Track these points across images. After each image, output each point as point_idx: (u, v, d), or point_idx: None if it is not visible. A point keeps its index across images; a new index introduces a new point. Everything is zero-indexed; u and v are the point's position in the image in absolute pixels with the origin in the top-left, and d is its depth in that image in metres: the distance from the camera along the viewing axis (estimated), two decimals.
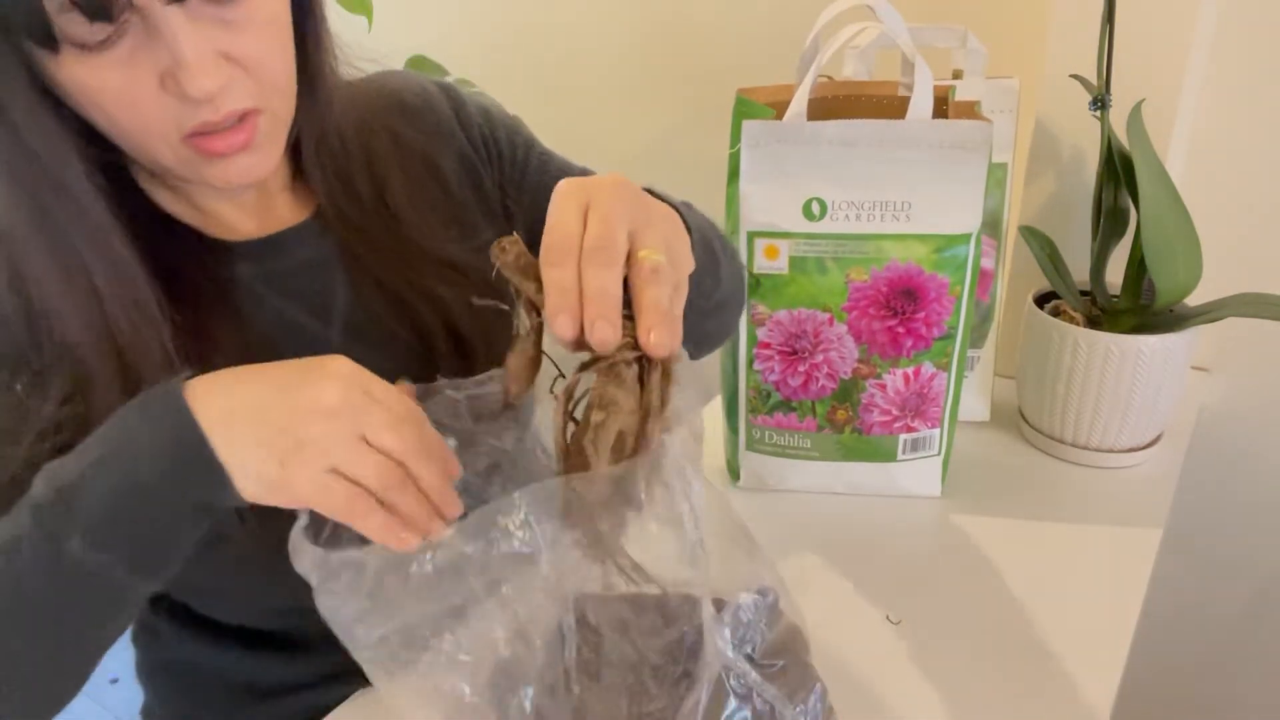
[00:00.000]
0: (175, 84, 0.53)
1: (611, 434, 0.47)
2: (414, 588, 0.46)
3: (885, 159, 0.79)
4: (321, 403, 0.49)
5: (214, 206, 0.66)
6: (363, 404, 0.49)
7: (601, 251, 0.47)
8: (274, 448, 0.48)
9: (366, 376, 0.51)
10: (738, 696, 0.51)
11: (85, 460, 0.50)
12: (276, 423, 0.49)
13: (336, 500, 0.48)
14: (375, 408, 0.49)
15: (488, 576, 0.46)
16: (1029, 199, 1.08)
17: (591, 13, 1.42)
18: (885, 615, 0.76)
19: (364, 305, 0.68)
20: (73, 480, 0.50)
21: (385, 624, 0.46)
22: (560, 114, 1.46)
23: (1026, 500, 0.91)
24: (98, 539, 0.50)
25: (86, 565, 0.50)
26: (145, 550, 0.51)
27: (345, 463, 0.48)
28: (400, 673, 0.47)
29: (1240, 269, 0.99)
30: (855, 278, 0.83)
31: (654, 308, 0.47)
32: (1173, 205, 0.88)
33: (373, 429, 0.49)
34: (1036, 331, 0.97)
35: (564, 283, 0.46)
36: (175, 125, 0.55)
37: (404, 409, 0.51)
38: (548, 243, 0.48)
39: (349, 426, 0.48)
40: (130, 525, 0.50)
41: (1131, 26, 0.92)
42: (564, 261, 0.47)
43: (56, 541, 0.49)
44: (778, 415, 0.90)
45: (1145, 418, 0.94)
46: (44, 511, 0.50)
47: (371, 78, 0.74)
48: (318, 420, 0.48)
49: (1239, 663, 1.22)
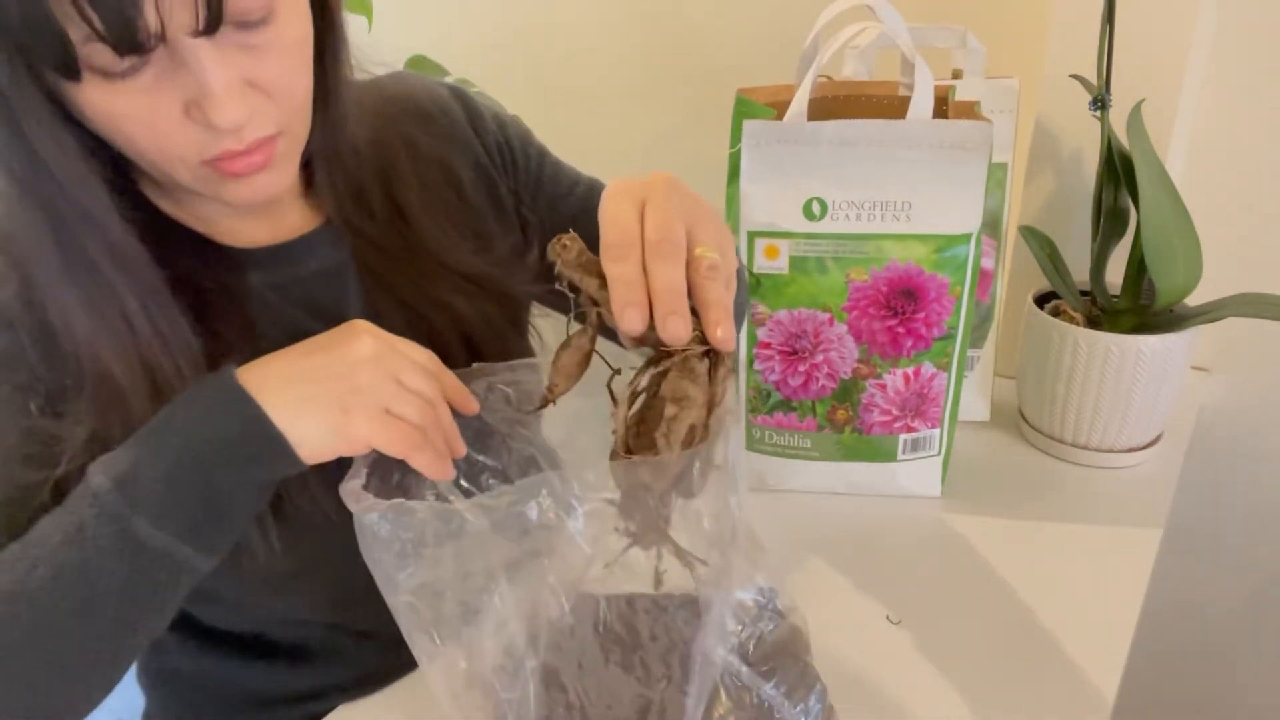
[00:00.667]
0: (201, 114, 0.52)
1: (684, 427, 0.47)
2: (458, 544, 0.48)
3: (885, 159, 0.79)
4: (363, 354, 0.54)
5: (223, 215, 0.65)
6: (393, 353, 0.55)
7: (666, 244, 0.48)
8: (331, 400, 0.52)
9: (388, 334, 0.57)
10: (738, 696, 0.51)
11: (138, 449, 0.53)
12: (328, 378, 0.53)
13: (396, 436, 0.53)
14: (402, 357, 0.56)
15: (530, 543, 0.47)
16: (1029, 199, 1.08)
17: (591, 13, 1.42)
18: (885, 615, 0.76)
19: (377, 315, 0.67)
20: (128, 467, 0.52)
21: (426, 574, 0.49)
22: (560, 114, 1.46)
23: (1026, 500, 0.91)
24: (162, 517, 0.52)
25: (153, 544, 0.52)
26: (207, 525, 0.53)
27: (395, 403, 0.54)
28: (433, 626, 0.51)
29: (1240, 269, 0.99)
30: (855, 278, 0.83)
31: (718, 303, 0.49)
32: (1173, 205, 0.88)
33: (406, 374, 0.55)
34: (1036, 331, 0.97)
35: (629, 276, 0.48)
36: (197, 151, 0.55)
37: (425, 357, 0.57)
38: (609, 239, 0.49)
39: (390, 371, 0.54)
40: (192, 502, 0.52)
41: (1131, 26, 0.92)
42: (628, 256, 0.48)
43: (121, 523, 0.51)
44: (778, 415, 0.90)
45: (1145, 418, 0.94)
46: (105, 498, 0.51)
47: (383, 81, 0.73)
48: (365, 368, 0.54)
49: (1239, 662, 1.22)
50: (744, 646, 0.53)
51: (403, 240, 0.69)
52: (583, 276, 0.50)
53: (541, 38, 1.48)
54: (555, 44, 1.47)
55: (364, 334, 0.56)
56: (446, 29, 1.55)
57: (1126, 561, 0.82)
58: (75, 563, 0.51)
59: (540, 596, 0.49)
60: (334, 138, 0.66)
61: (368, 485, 0.53)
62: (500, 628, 0.49)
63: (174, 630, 0.75)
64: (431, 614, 0.50)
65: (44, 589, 0.51)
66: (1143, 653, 0.81)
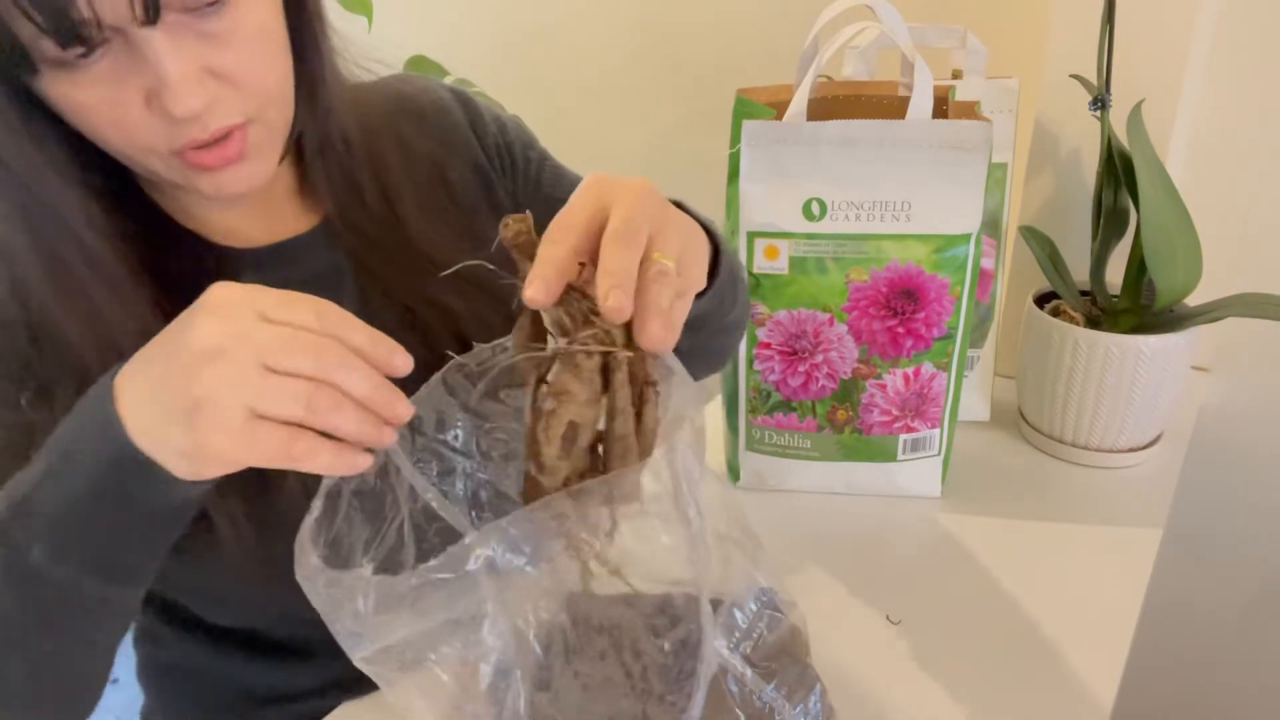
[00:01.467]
0: (159, 104, 0.52)
1: (562, 423, 0.46)
2: (415, 607, 0.45)
3: (885, 159, 0.79)
4: (201, 346, 0.43)
5: (218, 213, 0.65)
6: (250, 330, 0.43)
7: (626, 235, 0.46)
8: (176, 417, 0.44)
9: (254, 294, 0.45)
10: (737, 697, 0.51)
11: (37, 470, 0.49)
12: (169, 388, 0.44)
13: (271, 448, 0.43)
14: (266, 330, 0.43)
15: (489, 587, 0.46)
16: (1029, 199, 1.08)
17: (591, 13, 1.42)
18: (885, 615, 0.76)
19: (372, 315, 0.67)
20: (27, 492, 0.48)
21: (386, 639, 0.45)
22: (560, 114, 1.46)
23: (1026, 500, 0.91)
24: (58, 550, 0.48)
25: (53, 576, 0.48)
26: (111, 558, 0.49)
27: (260, 402, 0.43)
28: (401, 678, 0.47)
29: (1240, 269, 0.99)
30: (855, 278, 0.83)
31: (655, 306, 0.46)
32: (1173, 205, 0.88)
33: (272, 354, 0.43)
34: (1036, 331, 0.97)
35: (553, 256, 0.45)
36: (164, 141, 0.54)
37: (309, 315, 0.45)
38: (552, 223, 0.46)
39: (245, 360, 0.42)
40: (88, 534, 0.48)
41: (1131, 26, 0.92)
42: (563, 239, 0.45)
43: (18, 553, 0.48)
44: (778, 415, 0.90)
45: (1145, 418, 0.94)
46: (3, 525, 0.48)
47: (383, 81, 0.73)
48: (203, 368, 0.43)
49: (1239, 662, 1.22)
50: (742, 647, 0.52)
51: (397, 239, 0.69)
52: (519, 258, 0.47)
53: (541, 38, 1.48)
54: (555, 44, 1.47)
55: (208, 313, 0.44)
56: (446, 29, 1.55)
57: (1126, 561, 0.82)
58: None
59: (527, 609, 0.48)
60: (321, 126, 0.65)
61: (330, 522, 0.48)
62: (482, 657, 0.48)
63: (172, 626, 0.75)
64: (394, 674, 0.46)
65: None
66: (1142, 653, 0.81)
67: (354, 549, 0.51)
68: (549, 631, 0.49)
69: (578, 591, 0.50)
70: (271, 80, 0.57)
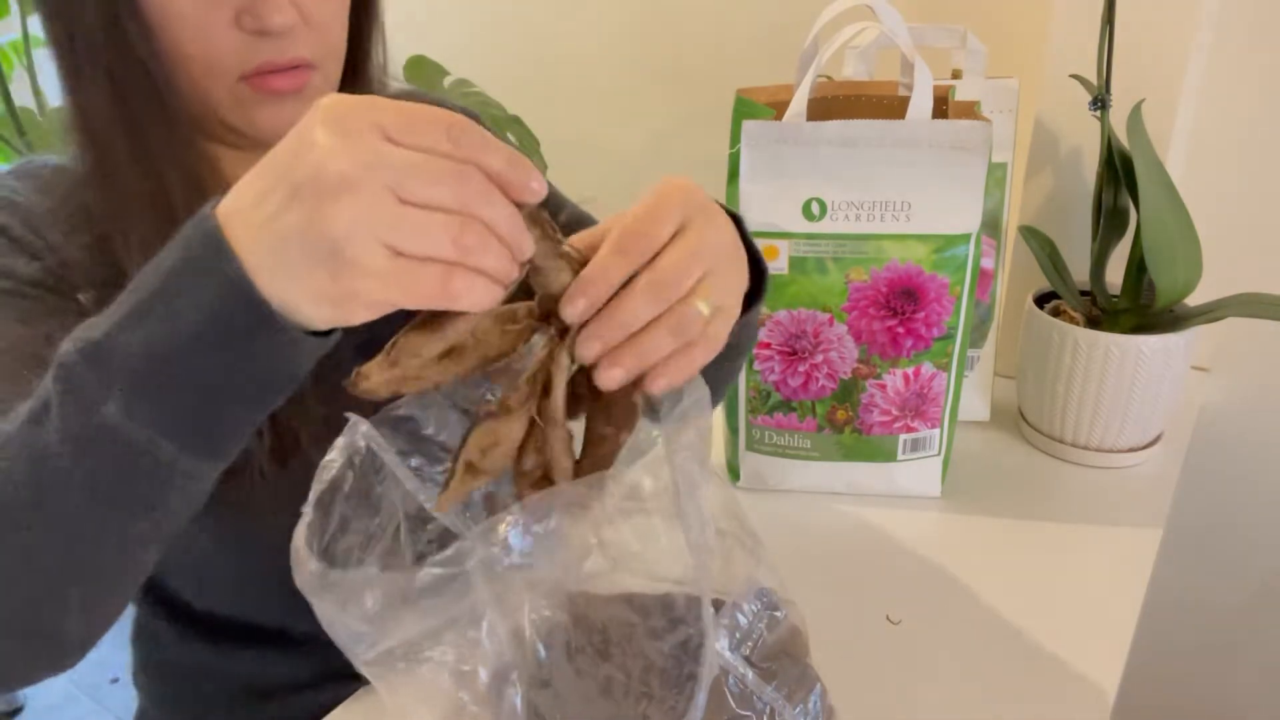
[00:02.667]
0: (252, 18, 0.59)
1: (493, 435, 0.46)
2: (415, 607, 0.44)
3: (885, 159, 0.79)
4: (327, 177, 0.37)
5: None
6: (380, 155, 0.37)
7: (666, 287, 0.44)
8: (316, 260, 0.38)
9: (376, 109, 0.38)
10: (737, 698, 0.51)
11: (118, 312, 0.42)
12: (300, 226, 0.38)
13: (427, 288, 0.38)
14: (398, 155, 0.38)
15: (489, 588, 0.46)
16: (1029, 199, 1.08)
17: (591, 13, 1.42)
18: (885, 615, 0.76)
19: None
20: (104, 335, 0.41)
21: (386, 641, 0.45)
22: (560, 114, 1.46)
23: (1026, 500, 0.91)
24: (137, 405, 0.41)
25: (126, 436, 0.42)
26: (200, 421, 0.43)
27: (404, 240, 0.37)
28: (400, 680, 0.46)
29: (1240, 269, 0.99)
30: (855, 278, 0.83)
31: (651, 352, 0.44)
32: (1173, 205, 0.88)
33: (409, 184, 0.37)
34: (1036, 331, 0.97)
35: (611, 273, 0.43)
36: (239, 61, 0.60)
37: (441, 136, 0.39)
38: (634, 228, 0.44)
39: (379, 193, 0.37)
40: (175, 389, 0.42)
41: (1131, 26, 0.92)
42: (632, 257, 0.44)
43: (88, 406, 0.41)
44: (777, 415, 0.90)
45: (1145, 418, 0.94)
46: (71, 371, 0.42)
47: (406, 93, 0.80)
48: (335, 202, 0.37)
49: (1239, 662, 1.22)
50: (742, 648, 0.52)
51: None
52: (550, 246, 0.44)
53: (541, 38, 1.48)
54: (555, 44, 1.47)
55: (324, 135, 0.38)
56: (446, 29, 1.55)
57: (1126, 561, 0.82)
58: (37, 447, 0.43)
59: (527, 609, 0.48)
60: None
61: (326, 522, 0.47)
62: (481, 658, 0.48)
63: (170, 623, 0.75)
64: (396, 676, 0.46)
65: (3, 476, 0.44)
66: (1143, 653, 0.81)
67: (350, 553, 0.51)
68: (549, 631, 0.49)
69: (578, 591, 0.50)
70: (336, 33, 0.65)
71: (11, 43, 1.45)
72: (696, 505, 0.46)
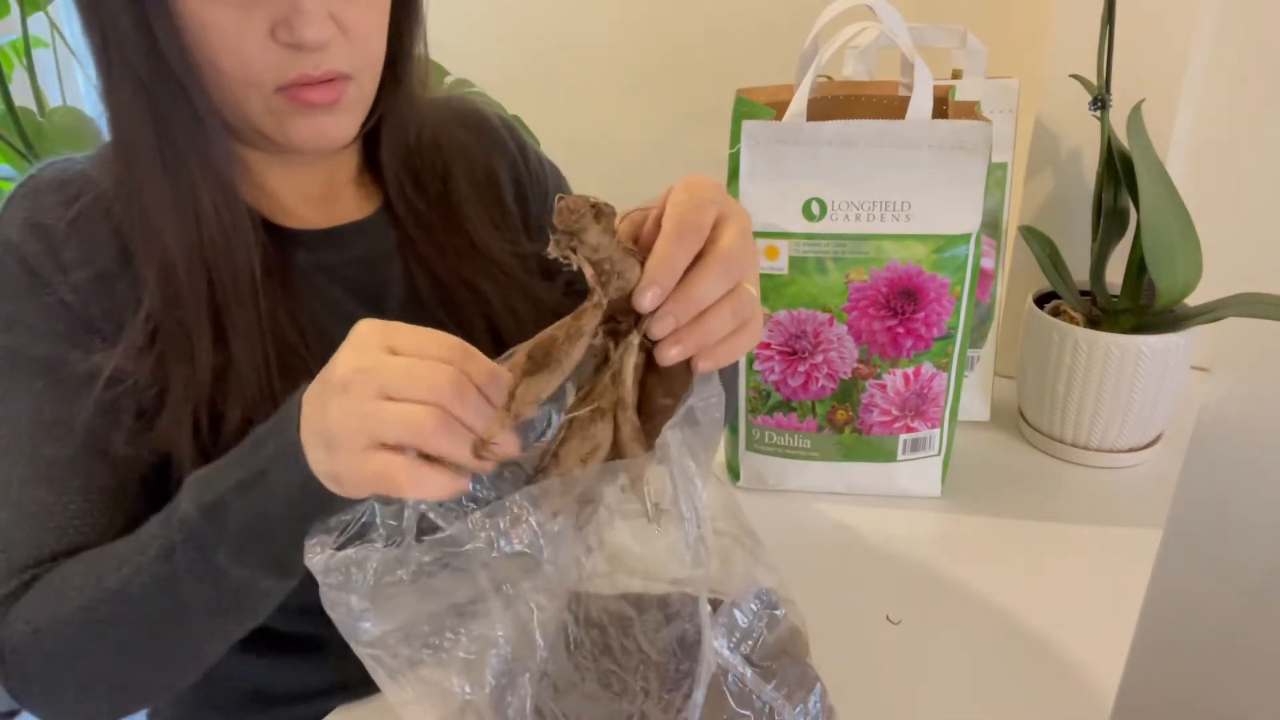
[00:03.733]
0: (287, 31, 0.58)
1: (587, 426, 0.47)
2: (416, 586, 0.46)
3: (885, 159, 0.79)
4: (334, 380, 0.47)
5: (281, 191, 0.69)
6: (377, 364, 0.46)
7: (735, 265, 0.47)
8: (320, 445, 0.48)
9: (390, 330, 0.47)
10: (736, 697, 0.51)
11: (231, 477, 0.53)
12: (314, 418, 0.49)
13: (386, 472, 0.45)
14: (390, 363, 0.46)
15: (489, 575, 0.46)
16: (1029, 199, 1.08)
17: (591, 12, 1.42)
18: (885, 615, 0.76)
19: (417, 297, 0.72)
20: (219, 498, 0.53)
21: (387, 622, 0.46)
22: (560, 114, 1.46)
23: (1026, 500, 0.91)
24: (242, 555, 0.53)
25: (234, 574, 0.54)
26: (287, 560, 0.52)
27: (375, 430, 0.45)
28: (402, 670, 0.47)
29: (1240, 269, 0.99)
30: (855, 278, 0.83)
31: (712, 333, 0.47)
32: (1173, 205, 0.88)
33: (391, 384, 0.45)
34: (1036, 331, 0.97)
35: (676, 260, 0.46)
36: (274, 74, 0.60)
37: (432, 348, 0.47)
38: (688, 218, 0.47)
39: (366, 392, 0.45)
40: (273, 544, 0.53)
41: (1131, 26, 0.93)
42: (692, 241, 0.46)
43: (205, 553, 0.53)
44: (777, 415, 0.90)
45: (1145, 418, 0.94)
46: (191, 526, 0.53)
47: (444, 95, 0.81)
48: (333, 400, 0.47)
49: (1239, 662, 1.22)
50: (742, 647, 0.52)
51: (447, 224, 0.74)
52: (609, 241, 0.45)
53: (541, 38, 1.48)
54: (555, 44, 1.47)
55: (346, 348, 0.48)
56: (446, 29, 1.54)
57: (1126, 561, 0.82)
58: (166, 577, 0.54)
59: (529, 605, 0.48)
60: (404, 115, 0.72)
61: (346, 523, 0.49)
62: (483, 652, 0.48)
63: None
64: (395, 663, 0.47)
65: (143, 596, 0.55)
66: (1143, 652, 0.81)
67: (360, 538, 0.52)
68: (549, 625, 0.49)
69: (578, 589, 0.50)
70: (375, 45, 0.64)
71: (11, 43, 1.44)
72: (694, 505, 0.46)
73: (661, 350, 0.47)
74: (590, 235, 0.44)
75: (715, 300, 0.47)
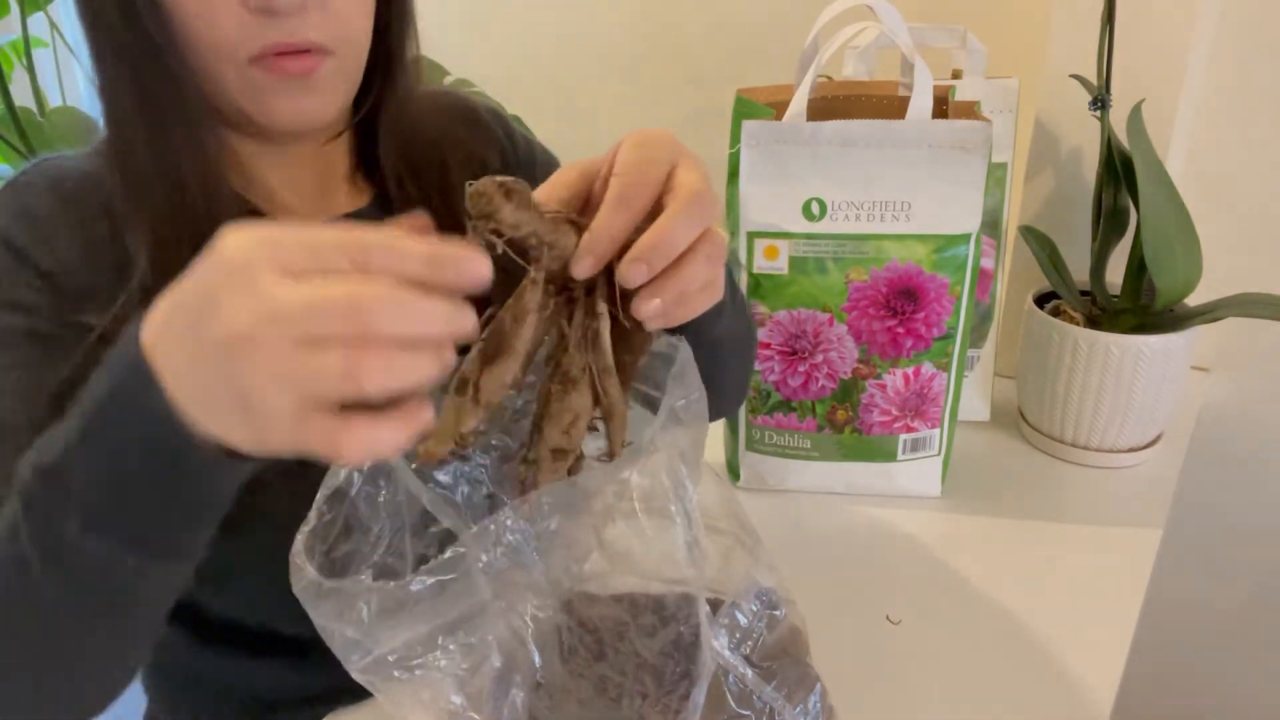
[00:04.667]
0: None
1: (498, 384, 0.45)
2: (408, 612, 0.44)
3: (885, 159, 0.79)
4: (227, 334, 0.37)
5: (271, 183, 0.69)
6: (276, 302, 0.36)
7: (698, 207, 0.46)
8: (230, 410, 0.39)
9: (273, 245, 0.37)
10: (736, 697, 0.51)
11: (70, 433, 0.44)
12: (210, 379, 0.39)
13: (330, 439, 0.37)
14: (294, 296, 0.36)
15: (486, 588, 0.45)
16: (1029, 199, 1.08)
17: (591, 13, 1.42)
18: (885, 615, 0.76)
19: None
20: (57, 459, 0.44)
21: (377, 649, 0.44)
22: (560, 114, 1.46)
23: (1026, 500, 0.91)
24: (95, 524, 0.44)
25: (89, 551, 0.44)
26: (154, 534, 0.45)
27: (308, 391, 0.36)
28: (395, 687, 0.46)
29: (1240, 269, 0.99)
30: (855, 278, 0.83)
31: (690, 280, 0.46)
32: (1173, 205, 0.88)
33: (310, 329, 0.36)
34: (1036, 331, 0.97)
35: (616, 228, 0.45)
36: (249, 42, 0.59)
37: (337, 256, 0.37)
38: (630, 178, 0.46)
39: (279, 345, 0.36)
40: (128, 511, 0.44)
41: (1131, 26, 0.93)
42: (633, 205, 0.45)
43: (51, 527, 0.44)
44: (777, 415, 0.90)
45: (1145, 418, 0.94)
46: (31, 494, 0.45)
47: (436, 89, 0.81)
48: (238, 361, 0.36)
49: (1239, 662, 1.22)
50: (741, 647, 0.52)
51: (440, 212, 0.72)
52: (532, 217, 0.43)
53: (541, 38, 1.48)
54: (555, 44, 1.47)
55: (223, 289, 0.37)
56: (446, 29, 1.55)
57: (1126, 561, 0.82)
58: (15, 559, 0.46)
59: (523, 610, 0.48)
60: (400, 109, 0.71)
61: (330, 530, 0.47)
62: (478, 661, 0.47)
63: (179, 629, 0.75)
64: (391, 683, 0.45)
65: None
66: (1142, 652, 0.81)
67: (350, 559, 0.51)
68: (547, 632, 0.49)
69: (572, 592, 0.50)
70: (356, 22, 0.63)
71: (11, 43, 1.44)
72: (685, 506, 0.46)
73: (639, 306, 0.45)
74: (505, 214, 0.42)
75: (689, 243, 0.46)
